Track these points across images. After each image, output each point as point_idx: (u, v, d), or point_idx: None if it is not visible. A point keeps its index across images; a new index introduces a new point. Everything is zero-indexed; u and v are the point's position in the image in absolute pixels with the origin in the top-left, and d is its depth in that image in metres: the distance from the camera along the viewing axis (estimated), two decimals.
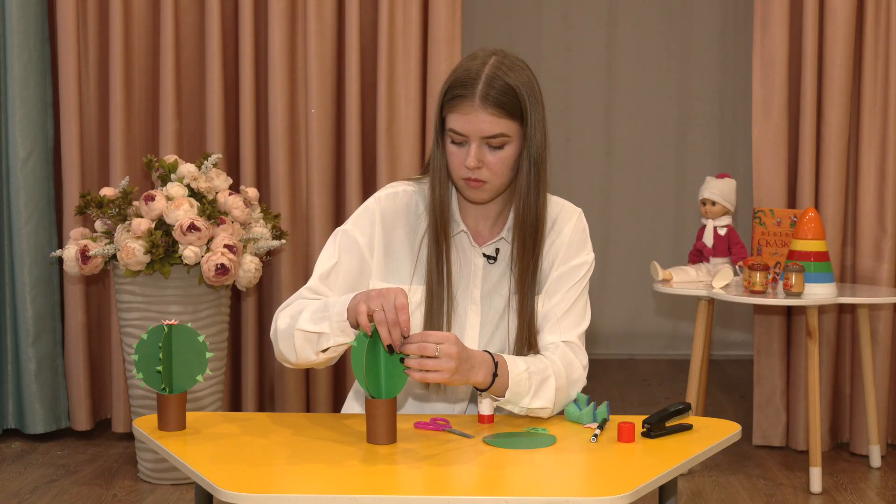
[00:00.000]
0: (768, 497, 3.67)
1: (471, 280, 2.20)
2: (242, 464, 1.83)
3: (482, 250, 2.21)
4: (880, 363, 4.09)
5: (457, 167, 2.11)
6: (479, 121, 2.05)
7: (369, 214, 2.20)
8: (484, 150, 2.08)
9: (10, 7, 4.10)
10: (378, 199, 2.21)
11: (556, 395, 2.09)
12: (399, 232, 2.20)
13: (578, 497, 1.67)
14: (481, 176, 2.10)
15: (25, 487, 3.70)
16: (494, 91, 2.05)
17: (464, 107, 2.06)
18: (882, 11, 4.07)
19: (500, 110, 2.05)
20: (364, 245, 2.18)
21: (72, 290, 4.18)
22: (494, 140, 2.07)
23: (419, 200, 2.22)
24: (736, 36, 6.00)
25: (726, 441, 2.00)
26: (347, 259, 2.18)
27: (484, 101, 2.05)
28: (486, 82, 2.05)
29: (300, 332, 2.04)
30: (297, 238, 4.21)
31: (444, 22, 4.12)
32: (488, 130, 2.06)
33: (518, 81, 2.08)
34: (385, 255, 2.19)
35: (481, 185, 2.11)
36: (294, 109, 4.21)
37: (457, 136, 2.08)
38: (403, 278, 2.19)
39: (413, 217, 2.20)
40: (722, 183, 4.01)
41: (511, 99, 2.06)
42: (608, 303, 6.06)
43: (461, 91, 2.06)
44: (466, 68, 2.09)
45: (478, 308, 2.20)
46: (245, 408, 4.26)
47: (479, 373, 2.00)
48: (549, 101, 2.19)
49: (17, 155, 4.13)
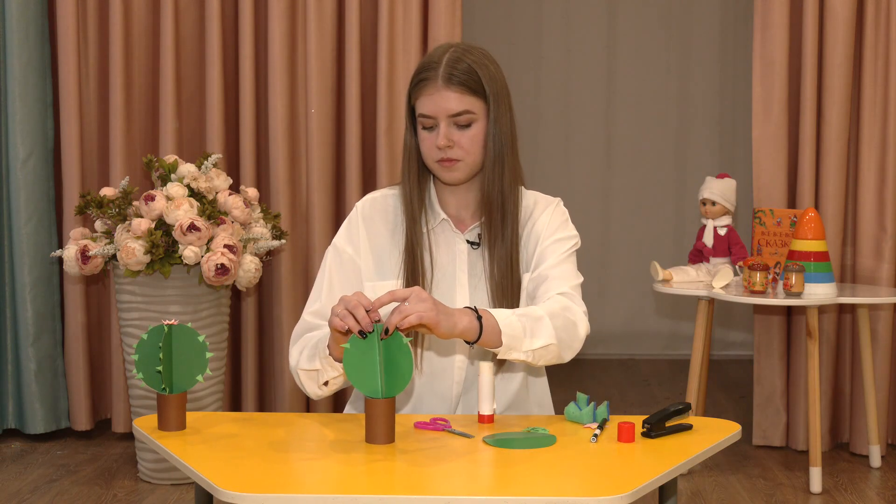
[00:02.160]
0: (768, 497, 3.67)
1: (457, 265, 2.27)
2: (242, 464, 1.83)
3: (465, 236, 2.28)
4: (880, 363, 4.09)
5: (430, 151, 2.21)
6: (443, 99, 2.17)
7: (352, 223, 2.30)
8: (452, 130, 2.19)
9: (10, 7, 4.10)
10: (357, 207, 2.33)
11: (558, 332, 2.08)
12: (382, 231, 2.29)
13: (578, 497, 1.67)
14: (454, 155, 2.19)
15: (25, 487, 3.70)
16: (456, 70, 2.17)
17: (428, 88, 2.18)
18: (882, 11, 4.07)
19: (462, 87, 2.17)
20: (353, 253, 2.27)
21: (72, 290, 4.18)
22: (461, 118, 2.18)
23: (397, 203, 2.30)
24: (736, 36, 6.01)
25: (726, 441, 2.00)
26: (339, 274, 2.26)
27: (446, 80, 2.17)
28: (447, 64, 2.18)
29: (303, 371, 2.14)
30: (297, 238, 4.21)
31: (444, 22, 4.12)
32: (454, 108, 2.17)
33: (477, 62, 2.20)
34: (373, 256, 2.28)
35: (454, 164, 2.20)
36: (294, 109, 4.21)
37: (426, 119, 2.19)
38: (392, 273, 2.26)
39: (392, 216, 2.30)
40: (722, 183, 4.01)
41: (472, 77, 2.18)
42: (608, 303, 6.07)
43: (425, 75, 2.19)
44: (428, 56, 2.23)
45: (466, 292, 2.26)
46: (245, 408, 4.26)
47: (461, 318, 1.98)
48: (549, 101, 2.24)
49: (17, 155, 4.13)
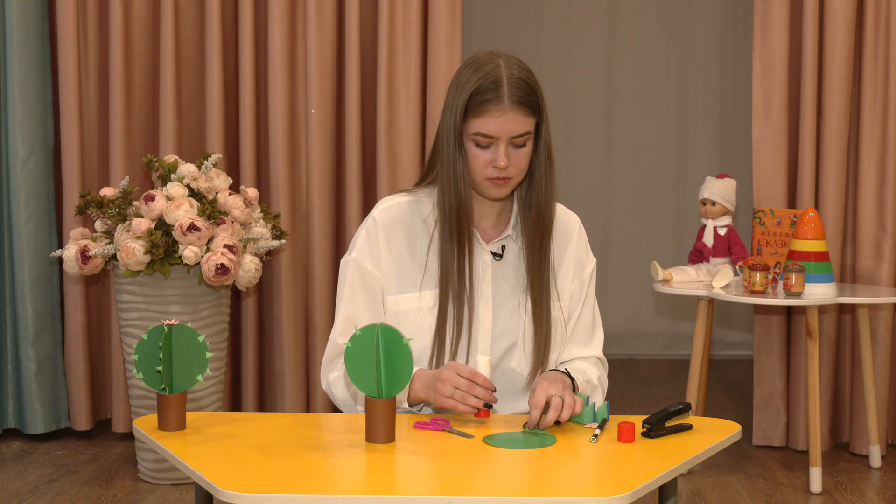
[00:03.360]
0: (768, 497, 3.67)
1: (481, 277, 2.26)
2: (242, 464, 1.83)
3: (489, 248, 2.27)
4: (880, 363, 4.09)
5: (482, 168, 2.18)
6: (510, 122, 2.14)
7: (371, 234, 2.27)
8: (510, 149, 2.16)
9: (10, 7, 4.10)
10: (374, 216, 2.28)
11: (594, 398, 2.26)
12: (401, 242, 2.26)
13: (578, 497, 1.67)
14: (508, 174, 2.18)
15: (25, 487, 3.70)
16: (520, 91, 2.14)
17: (494, 110, 2.13)
18: (882, 11, 4.07)
19: (527, 109, 2.15)
20: (374, 268, 2.25)
21: (72, 290, 4.18)
22: (520, 139, 2.16)
23: (416, 209, 2.28)
24: (736, 36, 6.00)
25: (726, 441, 2.00)
26: (362, 290, 2.25)
27: (513, 101, 2.13)
28: (509, 84, 2.14)
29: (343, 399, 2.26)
30: (297, 238, 4.21)
31: (444, 22, 4.12)
32: (517, 130, 2.15)
33: (532, 80, 2.18)
34: (394, 267, 2.26)
35: (506, 182, 2.19)
36: (294, 109, 4.21)
37: (483, 138, 2.15)
38: (414, 285, 2.25)
39: (411, 226, 2.27)
40: (722, 183, 4.01)
41: (533, 97, 2.16)
42: (608, 303, 6.03)
43: (489, 95, 2.13)
44: (479, 71, 2.16)
45: (489, 304, 2.26)
46: (245, 408, 4.25)
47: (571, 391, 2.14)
48: (549, 101, 2.25)
49: (17, 155, 4.13)
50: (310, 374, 4.24)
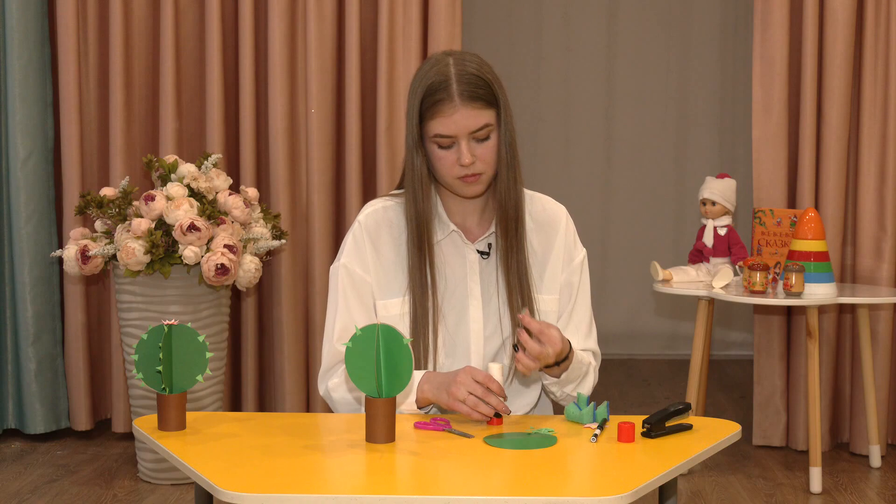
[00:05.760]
0: (768, 497, 3.67)
1: (468, 276, 2.26)
2: (242, 464, 1.83)
3: (475, 246, 2.27)
4: (880, 363, 4.09)
5: (450, 168, 2.17)
6: (464, 118, 2.13)
7: (357, 239, 2.27)
8: (473, 145, 2.16)
9: (10, 7, 4.10)
10: (360, 221, 2.28)
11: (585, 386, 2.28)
12: (387, 246, 2.27)
13: (578, 497, 1.67)
14: (477, 169, 2.17)
15: (25, 487, 3.70)
16: (470, 86, 2.14)
17: (447, 109, 2.13)
18: (882, 11, 4.07)
19: (479, 102, 2.14)
20: (363, 272, 2.26)
21: (72, 290, 4.18)
22: (481, 132, 2.15)
23: (399, 214, 2.28)
24: (736, 36, 6.00)
25: (726, 441, 2.00)
26: (354, 295, 2.25)
27: (464, 98, 2.13)
28: (458, 80, 2.14)
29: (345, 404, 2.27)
30: (297, 238, 4.21)
31: (444, 22, 4.12)
32: (474, 125, 2.14)
33: (482, 70, 2.17)
34: (381, 271, 2.26)
35: (477, 178, 2.19)
36: (294, 109, 4.21)
37: (444, 139, 2.15)
38: (398, 290, 2.25)
39: (396, 230, 2.27)
40: (722, 183, 4.01)
41: (485, 89, 2.15)
42: (608, 303, 6.06)
43: (440, 95, 2.13)
44: (430, 74, 2.16)
45: (479, 303, 2.26)
46: (245, 408, 4.26)
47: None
48: (549, 101, 2.25)
49: (17, 155, 4.13)
50: (310, 374, 4.24)
